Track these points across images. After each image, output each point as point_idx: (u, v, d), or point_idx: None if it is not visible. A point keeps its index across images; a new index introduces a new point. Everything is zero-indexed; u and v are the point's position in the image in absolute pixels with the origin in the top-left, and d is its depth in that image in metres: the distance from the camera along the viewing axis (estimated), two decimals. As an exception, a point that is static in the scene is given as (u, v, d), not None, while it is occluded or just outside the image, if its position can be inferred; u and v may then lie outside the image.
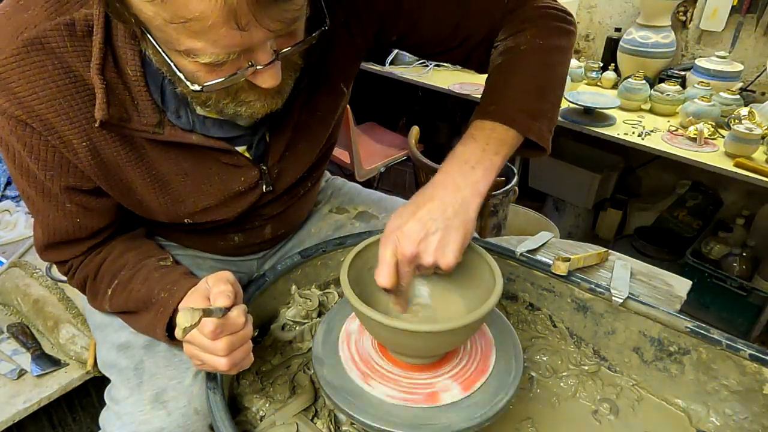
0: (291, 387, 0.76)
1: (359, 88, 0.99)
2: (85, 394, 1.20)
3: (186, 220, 0.79)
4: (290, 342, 0.83)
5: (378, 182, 2.53)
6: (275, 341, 0.83)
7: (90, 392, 1.21)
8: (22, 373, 1.06)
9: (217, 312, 0.61)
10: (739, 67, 1.96)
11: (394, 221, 0.66)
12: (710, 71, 1.96)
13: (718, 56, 1.97)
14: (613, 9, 2.35)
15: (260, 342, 0.82)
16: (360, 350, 0.72)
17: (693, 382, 0.77)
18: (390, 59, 2.49)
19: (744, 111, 1.76)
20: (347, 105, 0.91)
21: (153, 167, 0.71)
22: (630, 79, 2.01)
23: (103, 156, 0.68)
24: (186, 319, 0.55)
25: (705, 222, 2.29)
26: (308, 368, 0.80)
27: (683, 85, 2.03)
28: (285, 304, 0.89)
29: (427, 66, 2.45)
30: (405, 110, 3.10)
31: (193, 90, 0.56)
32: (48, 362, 1.08)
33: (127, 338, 0.82)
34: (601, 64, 2.26)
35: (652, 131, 1.86)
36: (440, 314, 0.75)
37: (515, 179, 1.87)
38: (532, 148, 0.74)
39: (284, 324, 0.86)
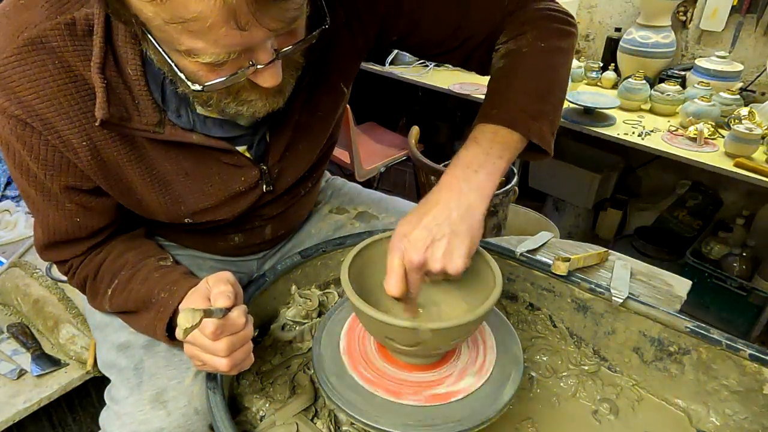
0: (291, 387, 0.76)
1: (359, 88, 0.99)
2: (85, 394, 1.20)
3: (186, 220, 0.79)
4: (290, 342, 0.83)
5: (378, 182, 2.53)
6: (275, 341, 0.83)
7: (90, 392, 1.21)
8: (22, 373, 1.06)
9: (218, 313, 0.61)
10: (739, 67, 1.96)
11: (401, 229, 0.65)
12: (710, 71, 1.96)
13: (718, 56, 1.97)
14: (613, 9, 2.35)
15: (260, 342, 0.82)
16: (360, 350, 0.72)
17: (693, 382, 0.77)
18: (390, 59, 2.49)
19: (744, 111, 1.77)
20: (347, 105, 0.91)
21: (153, 167, 0.71)
22: (630, 79, 2.01)
23: (104, 155, 0.68)
24: (187, 320, 0.55)
25: (705, 222, 2.29)
26: (308, 368, 0.80)
27: (683, 85, 2.03)
28: (285, 304, 0.89)
29: (427, 66, 2.45)
30: (405, 110, 3.10)
31: (194, 90, 0.56)
32: (48, 362, 1.08)
33: (127, 338, 0.82)
34: (601, 64, 2.26)
35: (652, 131, 1.86)
36: (440, 313, 0.75)
37: (515, 179, 1.87)
38: (535, 151, 0.73)
39: (284, 324, 0.86)
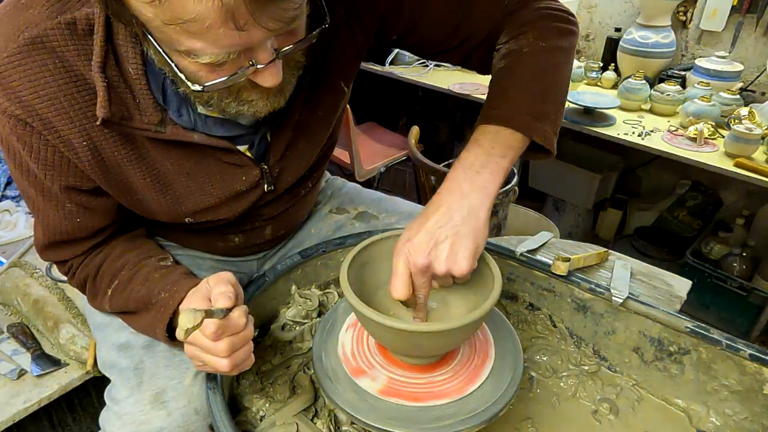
0: (291, 387, 0.76)
1: (359, 88, 0.99)
2: (85, 394, 1.20)
3: (187, 220, 0.79)
4: (290, 342, 0.83)
5: (378, 182, 2.53)
6: (275, 341, 0.83)
7: (90, 392, 1.21)
8: (22, 373, 1.06)
9: (219, 313, 0.61)
10: (739, 67, 1.96)
11: (405, 234, 0.66)
12: (710, 71, 1.96)
13: (718, 56, 1.96)
14: (613, 9, 2.35)
15: (260, 342, 0.82)
16: (360, 349, 0.72)
17: (693, 382, 0.77)
18: (390, 59, 2.48)
19: (744, 111, 1.76)
20: (347, 105, 0.91)
21: (154, 166, 0.71)
22: (630, 79, 2.01)
23: (104, 155, 0.67)
24: (188, 321, 0.55)
25: (705, 222, 2.29)
26: (308, 368, 0.80)
27: (683, 85, 2.03)
28: (285, 304, 0.89)
29: (427, 66, 2.45)
30: (405, 110, 3.10)
31: (194, 90, 0.56)
32: (48, 362, 1.08)
33: (127, 338, 0.82)
34: (601, 64, 2.26)
35: (652, 131, 1.86)
36: (440, 314, 0.75)
37: (515, 179, 1.87)
38: (538, 151, 0.73)
39: (284, 324, 0.86)
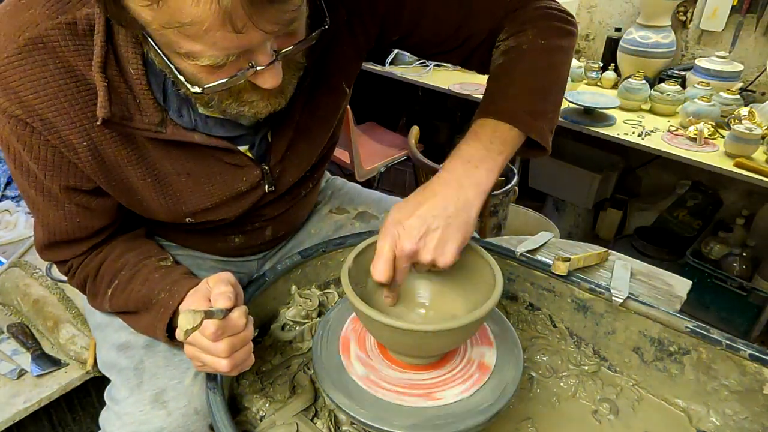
0: (291, 387, 0.76)
1: (359, 88, 0.99)
2: (85, 394, 1.20)
3: (187, 220, 0.79)
4: (290, 342, 0.83)
5: (378, 182, 2.53)
6: (275, 341, 0.83)
7: (90, 392, 1.21)
8: (22, 373, 1.06)
9: (218, 313, 0.61)
10: (739, 67, 1.96)
11: (395, 215, 0.65)
12: (710, 71, 1.96)
13: (718, 56, 1.96)
14: (613, 9, 2.35)
15: (260, 342, 0.82)
16: (360, 350, 0.72)
17: (693, 382, 0.77)
18: (390, 59, 2.48)
19: (744, 111, 1.76)
20: (347, 105, 0.91)
21: (154, 167, 0.71)
22: (630, 79, 2.01)
23: (104, 156, 0.67)
24: (188, 321, 0.55)
25: (705, 222, 2.29)
26: (308, 368, 0.80)
27: (683, 85, 2.03)
28: (285, 304, 0.89)
29: (427, 66, 2.45)
30: (405, 110, 3.10)
31: (194, 92, 0.56)
32: (48, 362, 1.08)
33: (127, 338, 0.82)
34: (601, 64, 2.26)
35: (652, 131, 1.86)
36: (440, 314, 0.75)
37: (515, 179, 1.87)
38: (533, 148, 0.74)
39: (284, 324, 0.86)
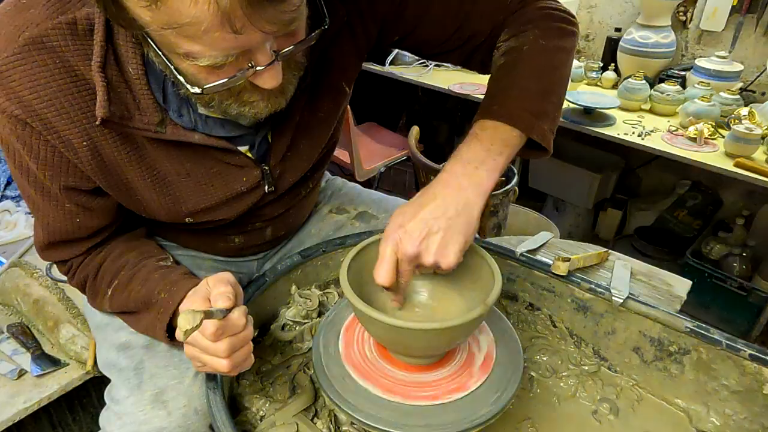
0: (291, 387, 0.76)
1: (359, 88, 0.99)
2: (85, 394, 1.20)
3: (187, 220, 0.79)
4: (290, 342, 0.83)
5: (378, 182, 2.53)
6: (275, 341, 0.83)
7: (90, 392, 1.21)
8: (22, 373, 1.06)
9: (218, 314, 0.61)
10: (739, 67, 1.96)
11: (396, 219, 0.65)
12: (710, 71, 1.96)
13: (718, 56, 1.96)
14: (613, 9, 2.35)
15: (260, 342, 0.82)
16: (360, 350, 0.72)
17: (693, 382, 0.77)
18: (390, 59, 2.48)
19: (744, 111, 1.77)
20: (348, 105, 0.91)
21: (154, 167, 0.71)
22: (630, 79, 2.01)
23: (104, 156, 0.67)
24: (188, 322, 0.55)
25: (705, 222, 2.29)
26: (308, 368, 0.80)
27: (683, 85, 2.03)
28: (285, 304, 0.89)
29: (427, 66, 2.45)
30: (405, 110, 3.10)
31: (194, 93, 0.56)
32: (48, 362, 1.08)
33: (127, 338, 0.82)
34: (601, 64, 2.26)
35: (652, 131, 1.86)
36: (440, 313, 0.75)
37: (515, 179, 1.87)
38: (534, 149, 0.73)
39: (284, 324, 0.86)
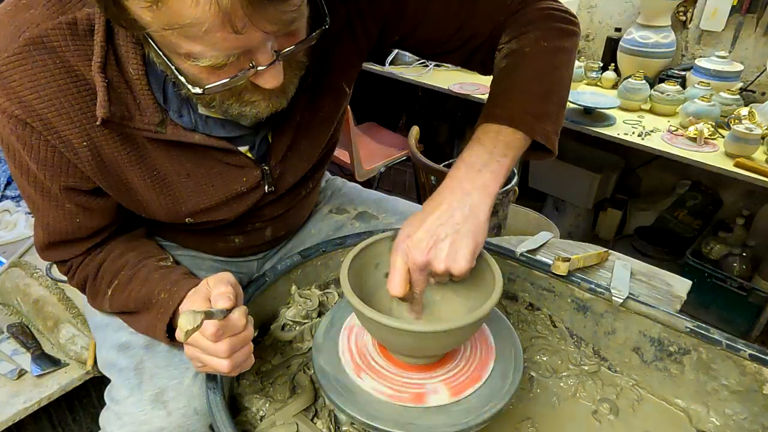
0: (291, 387, 0.76)
1: (359, 88, 0.99)
2: (85, 394, 1.20)
3: (187, 220, 0.79)
4: (290, 342, 0.83)
5: (378, 182, 2.53)
6: (275, 341, 0.83)
7: (90, 392, 1.21)
8: (22, 373, 1.06)
9: (218, 314, 0.61)
10: (739, 67, 1.96)
11: (405, 230, 0.65)
12: (710, 71, 1.96)
13: (718, 56, 1.97)
14: (613, 9, 2.35)
15: (260, 342, 0.82)
16: (360, 350, 0.72)
17: (693, 382, 0.77)
18: (390, 59, 2.48)
19: (744, 111, 1.77)
20: (348, 105, 0.91)
21: (154, 167, 0.71)
22: (630, 79, 2.01)
23: (104, 156, 0.68)
24: (188, 322, 0.55)
25: (705, 222, 2.29)
26: (308, 368, 0.80)
27: (683, 85, 2.03)
28: (285, 304, 0.89)
29: (427, 66, 2.45)
30: (405, 110, 3.10)
31: (195, 93, 0.56)
32: (48, 362, 1.08)
33: (127, 338, 0.82)
34: (601, 64, 2.26)
35: (652, 131, 1.86)
36: (440, 314, 0.75)
37: (515, 179, 1.87)
38: (539, 151, 0.73)
39: (284, 324, 0.86)
